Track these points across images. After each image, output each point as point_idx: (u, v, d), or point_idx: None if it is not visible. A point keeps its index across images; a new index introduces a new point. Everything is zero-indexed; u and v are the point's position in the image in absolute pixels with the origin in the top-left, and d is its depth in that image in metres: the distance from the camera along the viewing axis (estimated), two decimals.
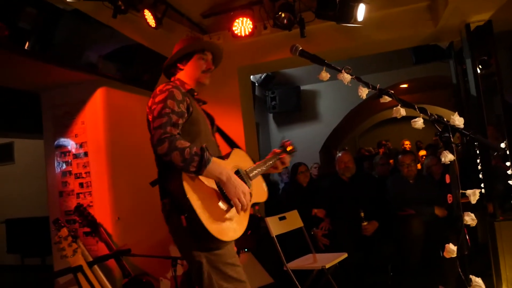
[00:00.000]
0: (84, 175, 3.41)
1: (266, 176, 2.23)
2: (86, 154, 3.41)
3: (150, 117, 1.85)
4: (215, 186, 1.77)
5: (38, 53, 2.75)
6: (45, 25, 2.73)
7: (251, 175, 2.00)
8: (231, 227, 1.78)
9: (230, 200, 1.77)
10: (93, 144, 3.41)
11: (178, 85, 1.91)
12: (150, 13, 3.32)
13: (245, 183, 1.90)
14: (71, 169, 3.45)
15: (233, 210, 1.79)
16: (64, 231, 2.56)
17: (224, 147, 2.14)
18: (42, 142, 3.67)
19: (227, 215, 1.77)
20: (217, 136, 2.19)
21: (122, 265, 3.00)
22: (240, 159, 2.03)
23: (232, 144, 2.22)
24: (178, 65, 2.05)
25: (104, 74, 3.35)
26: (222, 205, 1.77)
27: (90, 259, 2.73)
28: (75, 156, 3.45)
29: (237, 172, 1.93)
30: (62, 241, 2.53)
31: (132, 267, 3.13)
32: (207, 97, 2.19)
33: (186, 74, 2.04)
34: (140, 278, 3.01)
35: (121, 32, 3.29)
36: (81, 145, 3.44)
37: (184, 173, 1.69)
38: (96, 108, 3.43)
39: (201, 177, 1.73)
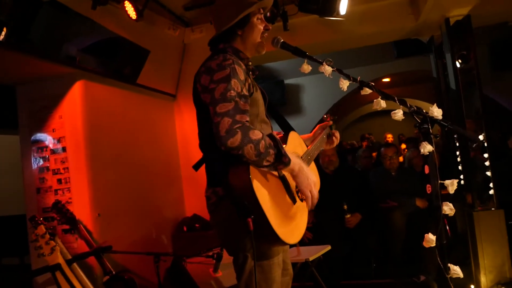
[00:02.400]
0: (62, 171, 3.33)
1: None
2: (64, 149, 3.33)
3: (206, 97, 1.54)
4: (277, 179, 1.57)
5: (14, 44, 2.66)
6: (22, 16, 2.64)
7: (307, 161, 1.80)
8: (296, 228, 1.62)
9: (297, 194, 1.61)
10: (72, 139, 3.33)
11: (234, 57, 1.60)
12: (130, 5, 3.25)
13: None
14: (48, 165, 3.37)
15: (297, 206, 1.64)
16: (41, 229, 2.49)
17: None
18: (17, 138, 3.57)
19: (292, 213, 1.60)
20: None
21: (103, 263, 2.95)
22: (296, 143, 1.81)
23: (284, 125, 1.94)
24: (238, 31, 1.69)
25: (82, 67, 3.27)
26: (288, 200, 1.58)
27: (69, 257, 2.67)
28: (53, 151, 3.36)
29: None
30: (39, 239, 2.47)
31: (113, 264, 3.08)
32: (190, 90, 1.95)
33: (243, 40, 1.72)
34: (122, 275, 2.96)
35: (100, 24, 3.22)
36: (59, 140, 3.36)
37: (252, 167, 1.46)
38: (75, 101, 3.34)
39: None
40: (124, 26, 3.45)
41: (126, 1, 3.23)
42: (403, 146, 7.78)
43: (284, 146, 1.57)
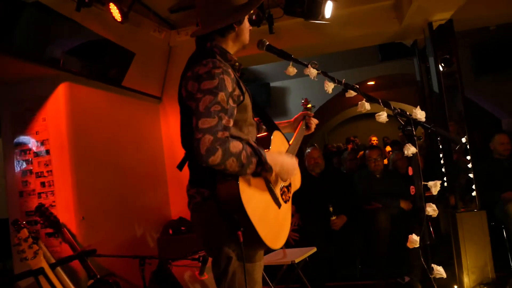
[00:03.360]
0: (46, 174, 3.28)
1: None
2: (48, 152, 3.28)
3: (192, 104, 1.51)
4: (265, 187, 1.60)
5: None
6: (5, 17, 2.60)
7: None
8: (282, 231, 1.65)
9: (280, 197, 1.65)
10: (55, 141, 3.28)
11: (225, 65, 1.54)
12: (115, 7, 3.22)
13: None
14: (31, 168, 3.31)
15: (281, 209, 1.67)
16: (24, 232, 2.45)
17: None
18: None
19: (278, 217, 1.63)
20: None
21: (87, 266, 2.91)
22: (279, 142, 1.81)
23: (269, 124, 1.92)
24: (236, 26, 1.63)
25: (66, 68, 3.23)
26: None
27: (53, 261, 2.63)
28: (36, 154, 3.31)
29: None
30: (22, 243, 2.42)
31: (98, 268, 3.04)
32: (175, 93, 1.92)
33: (235, 37, 1.67)
34: (107, 279, 2.93)
35: (85, 26, 3.19)
36: (42, 143, 3.30)
37: (241, 181, 1.47)
38: (59, 104, 3.30)
39: (252, 178, 1.52)
40: (109, 28, 3.42)
41: (111, 3, 3.20)
42: (388, 148, 7.87)
43: (267, 150, 1.60)
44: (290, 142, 1.92)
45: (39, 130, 3.32)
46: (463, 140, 3.60)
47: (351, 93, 1.69)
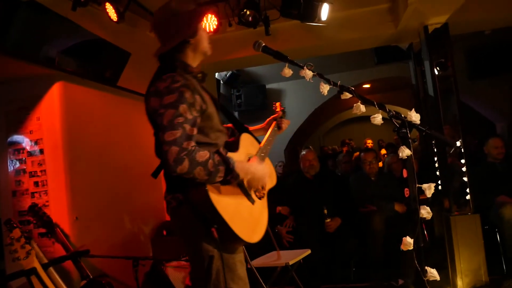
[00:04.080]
0: (39, 174, 3.25)
1: None
2: (41, 151, 3.26)
3: (157, 119, 1.59)
4: (236, 185, 1.68)
5: None
6: (0, 16, 2.58)
7: (262, 158, 1.88)
8: (258, 225, 1.72)
9: (254, 193, 1.74)
10: (49, 141, 3.26)
11: (185, 78, 1.62)
12: (111, 7, 3.22)
13: None
14: (25, 167, 3.29)
15: (256, 204, 1.75)
16: (17, 232, 2.43)
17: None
18: None
19: (253, 213, 1.72)
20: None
21: (80, 267, 2.89)
22: (248, 144, 1.87)
23: (238, 126, 1.99)
24: (191, 40, 1.71)
25: (61, 68, 3.21)
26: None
27: (45, 261, 2.61)
28: (30, 153, 3.29)
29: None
30: (14, 243, 2.40)
31: (91, 269, 3.02)
32: None
33: (193, 49, 1.74)
34: (100, 280, 2.91)
35: (81, 26, 3.17)
36: (36, 142, 3.28)
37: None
38: (53, 103, 3.28)
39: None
40: (105, 28, 3.41)
41: (107, 3, 3.19)
42: (383, 151, 7.90)
43: (237, 151, 1.73)
44: (261, 144, 1.99)
45: (33, 129, 3.30)
46: (458, 143, 3.61)
47: (347, 95, 1.69)
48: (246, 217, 1.68)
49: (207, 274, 1.64)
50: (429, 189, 1.50)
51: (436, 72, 3.70)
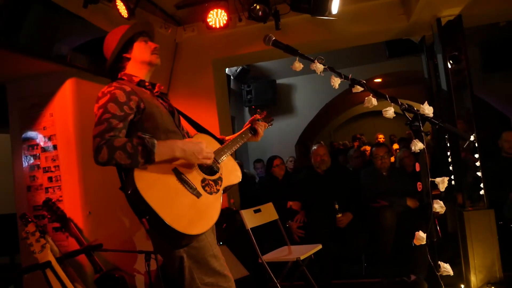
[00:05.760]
0: (53, 169, 3.30)
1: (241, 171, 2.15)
2: (55, 147, 3.31)
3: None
4: (174, 178, 1.67)
5: (5, 42, 2.63)
6: (13, 14, 2.62)
7: (218, 158, 1.91)
8: (201, 220, 1.66)
9: (203, 189, 1.71)
10: (62, 137, 3.30)
11: (122, 83, 1.76)
12: (122, 3, 3.24)
13: (212, 166, 1.84)
14: (39, 163, 3.34)
15: (202, 199, 1.70)
16: (32, 226, 2.48)
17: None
18: (8, 136, 3.53)
19: (196, 206, 1.66)
20: (187, 125, 2.08)
21: (93, 261, 2.94)
22: (204, 143, 1.83)
23: (200, 130, 2.06)
24: (124, 55, 1.89)
25: (73, 64, 3.24)
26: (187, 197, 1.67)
27: (60, 254, 2.65)
28: (44, 149, 3.34)
29: None
30: (29, 237, 2.45)
31: (104, 262, 3.07)
32: (181, 89, 2.08)
33: (135, 62, 1.91)
34: (113, 273, 2.95)
35: (92, 23, 3.20)
36: (49, 138, 3.33)
37: (135, 172, 1.58)
38: (65, 99, 3.32)
39: (155, 171, 1.62)
40: (115, 25, 3.40)
41: (118, 0, 3.21)
42: (395, 146, 7.83)
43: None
44: (223, 145, 2.02)
45: (47, 126, 3.35)
46: (471, 138, 3.56)
47: (358, 89, 1.67)
48: (185, 209, 1.62)
49: (181, 275, 1.69)
50: (442, 183, 1.48)
51: (449, 66, 3.64)
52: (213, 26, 3.87)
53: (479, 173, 3.54)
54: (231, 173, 1.95)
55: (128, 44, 1.89)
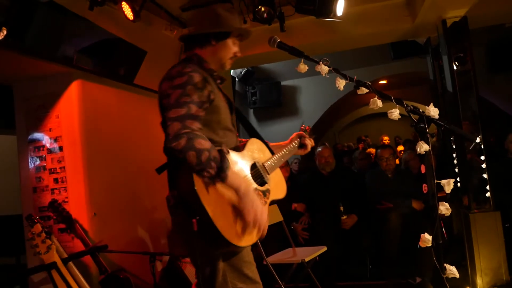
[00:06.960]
0: (59, 170, 3.32)
1: None
2: (61, 148, 3.33)
3: (164, 102, 1.62)
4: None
5: (11, 44, 2.65)
6: (19, 16, 2.64)
7: (268, 168, 1.84)
8: (248, 234, 1.61)
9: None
10: (68, 138, 3.32)
11: (196, 65, 1.69)
12: (127, 6, 3.25)
13: (263, 176, 1.77)
14: (45, 164, 3.36)
15: None
16: (38, 227, 2.49)
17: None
18: (14, 137, 3.55)
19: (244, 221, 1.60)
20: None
21: (99, 262, 2.95)
22: (255, 148, 1.84)
23: (251, 132, 2.02)
24: (212, 41, 1.77)
25: (79, 66, 3.26)
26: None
27: (65, 255, 2.67)
28: (50, 150, 3.36)
29: (254, 166, 1.77)
30: (35, 238, 2.47)
31: (109, 263, 3.08)
32: None
33: (213, 52, 1.79)
34: (117, 274, 2.96)
35: (97, 25, 3.22)
36: (55, 140, 3.35)
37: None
38: (71, 101, 3.34)
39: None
40: (121, 27, 3.45)
41: (123, 2, 3.22)
42: (400, 148, 7.80)
43: (241, 151, 1.71)
44: (274, 155, 1.96)
45: (53, 127, 3.37)
46: (477, 140, 3.54)
47: (363, 90, 1.67)
48: (234, 220, 1.57)
49: (212, 276, 1.61)
50: (448, 185, 1.47)
51: (455, 67, 3.62)
52: None
53: (485, 175, 3.52)
54: (277, 186, 1.89)
55: (224, 35, 1.79)
